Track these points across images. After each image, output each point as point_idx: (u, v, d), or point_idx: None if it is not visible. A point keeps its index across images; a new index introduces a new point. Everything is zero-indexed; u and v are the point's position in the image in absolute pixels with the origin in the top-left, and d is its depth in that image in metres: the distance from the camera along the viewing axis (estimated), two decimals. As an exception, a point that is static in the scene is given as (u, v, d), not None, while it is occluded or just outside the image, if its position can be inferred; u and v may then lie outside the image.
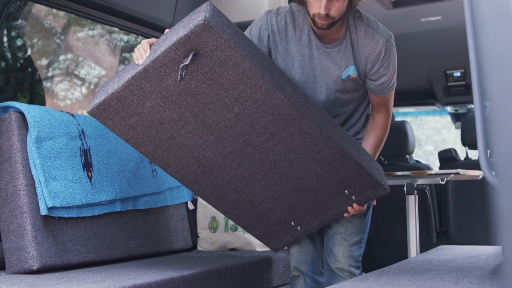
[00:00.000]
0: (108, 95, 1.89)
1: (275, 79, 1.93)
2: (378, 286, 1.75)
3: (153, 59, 1.82)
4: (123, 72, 1.93)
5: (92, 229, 2.40)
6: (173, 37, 1.80)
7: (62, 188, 2.26)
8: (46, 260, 2.18)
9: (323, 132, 2.03)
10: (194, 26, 1.75)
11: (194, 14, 1.82)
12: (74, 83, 8.78)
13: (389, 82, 2.28)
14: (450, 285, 1.75)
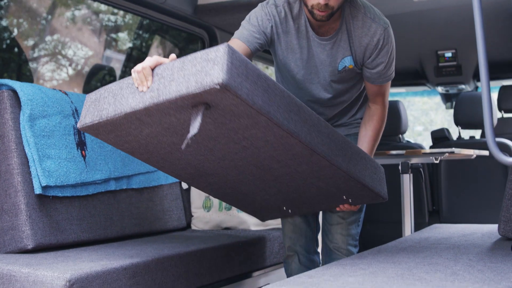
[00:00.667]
0: (102, 119, 1.73)
1: (292, 123, 1.77)
2: (377, 263, 1.75)
3: (157, 102, 1.63)
4: (119, 91, 1.73)
5: (87, 208, 2.37)
6: (181, 86, 1.59)
7: (56, 166, 2.23)
8: (41, 239, 2.16)
9: (332, 164, 1.94)
10: (208, 87, 1.53)
11: (209, 61, 1.57)
12: (61, 64, 8.72)
13: (386, 70, 2.24)
14: (449, 262, 1.74)
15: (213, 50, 1.59)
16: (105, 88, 1.79)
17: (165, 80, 1.65)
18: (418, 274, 1.54)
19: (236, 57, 1.60)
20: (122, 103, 1.71)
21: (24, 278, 1.83)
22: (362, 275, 1.53)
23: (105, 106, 1.75)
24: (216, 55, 1.57)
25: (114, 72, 5.48)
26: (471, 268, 1.62)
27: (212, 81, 1.54)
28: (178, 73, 1.63)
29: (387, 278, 1.48)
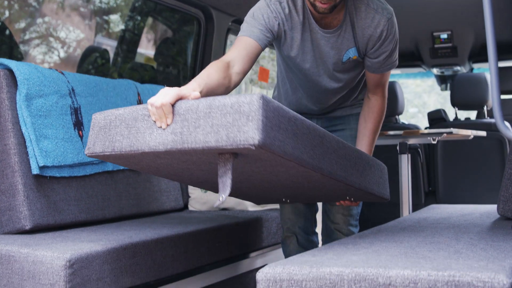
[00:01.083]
0: (114, 151, 1.64)
1: (316, 160, 1.70)
2: (379, 242, 1.74)
3: (180, 148, 1.53)
4: (133, 123, 1.62)
5: (84, 189, 2.35)
6: (210, 137, 1.49)
7: (54, 147, 2.21)
8: (39, 220, 2.14)
9: (347, 185, 1.90)
10: (242, 145, 1.45)
11: (242, 114, 1.46)
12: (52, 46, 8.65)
13: (387, 59, 2.22)
14: (451, 241, 1.74)
15: (246, 102, 1.47)
16: (115, 114, 1.66)
17: (190, 125, 1.53)
18: (421, 252, 1.54)
19: (270, 108, 1.49)
20: (139, 139, 1.60)
21: (23, 259, 1.81)
22: (365, 254, 1.53)
23: (118, 138, 1.64)
24: (250, 109, 1.46)
25: (108, 54, 5.44)
26: (473, 246, 1.62)
27: (246, 140, 1.45)
28: (204, 119, 1.51)
29: (390, 257, 1.47)
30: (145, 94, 2.76)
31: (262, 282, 1.40)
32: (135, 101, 2.67)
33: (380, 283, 1.31)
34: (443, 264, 1.35)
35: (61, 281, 1.73)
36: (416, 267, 1.32)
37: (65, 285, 1.72)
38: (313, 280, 1.36)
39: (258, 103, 1.46)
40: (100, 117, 1.70)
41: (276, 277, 1.39)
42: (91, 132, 1.71)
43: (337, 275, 1.34)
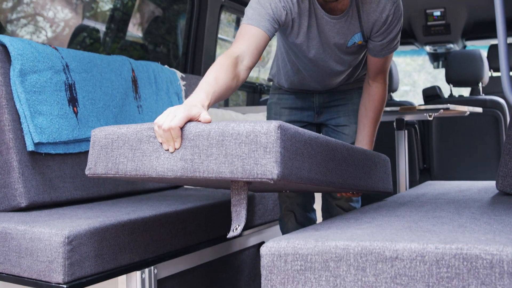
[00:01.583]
0: (118, 174, 1.57)
1: (329, 176, 1.66)
2: (381, 217, 1.73)
3: (191, 176, 1.47)
4: (138, 144, 1.54)
5: (80, 166, 2.32)
6: (223, 167, 1.42)
7: (48, 123, 2.17)
8: (34, 197, 2.11)
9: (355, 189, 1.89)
10: (259, 179, 1.39)
11: (258, 145, 1.40)
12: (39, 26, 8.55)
13: (390, 42, 2.18)
14: (453, 215, 1.73)
15: (263, 132, 1.40)
16: (117, 133, 1.59)
17: (201, 152, 1.46)
18: (425, 226, 1.52)
19: (287, 137, 1.43)
20: (145, 163, 1.53)
21: (21, 236, 1.79)
22: (369, 228, 1.51)
23: (121, 160, 1.57)
24: (267, 140, 1.39)
25: (99, 33, 5.37)
26: (476, 220, 1.61)
27: (264, 174, 1.38)
28: (217, 148, 1.44)
29: (395, 230, 1.46)
30: (139, 71, 2.73)
31: (266, 256, 1.38)
32: (130, 77, 2.64)
33: (386, 256, 1.29)
34: (449, 237, 1.33)
35: (59, 258, 1.70)
36: (423, 240, 1.31)
37: (63, 262, 1.70)
38: (319, 254, 1.34)
39: (276, 133, 1.40)
40: (100, 135, 1.62)
41: (280, 251, 1.37)
42: (91, 150, 1.64)
43: (343, 249, 1.32)
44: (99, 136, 1.63)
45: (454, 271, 1.25)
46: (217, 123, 1.48)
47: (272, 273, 1.37)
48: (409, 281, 1.27)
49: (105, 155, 1.60)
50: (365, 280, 1.30)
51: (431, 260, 1.26)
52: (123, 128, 1.60)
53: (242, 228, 1.52)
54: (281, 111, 2.55)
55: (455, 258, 1.25)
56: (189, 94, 3.12)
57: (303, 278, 1.34)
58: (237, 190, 1.54)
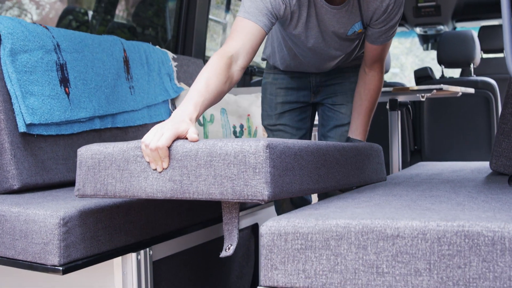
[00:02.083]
0: (108, 195, 1.56)
1: (321, 182, 1.66)
2: (378, 196, 1.73)
3: (181, 197, 1.45)
4: (125, 165, 1.52)
5: (72, 148, 2.30)
6: (213, 188, 1.42)
7: (40, 104, 2.14)
8: (27, 179, 2.09)
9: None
10: (249, 199, 1.39)
11: (247, 166, 1.39)
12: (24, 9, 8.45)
13: (388, 30, 2.16)
14: (450, 194, 1.73)
15: (251, 152, 1.38)
16: (103, 153, 1.57)
17: (189, 173, 1.44)
18: (424, 205, 1.52)
19: (276, 154, 1.42)
20: (133, 184, 1.52)
21: (15, 218, 1.76)
22: (368, 207, 1.51)
23: (109, 181, 1.56)
24: (256, 161, 1.38)
25: (87, 16, 5.31)
26: (474, 199, 1.61)
27: (254, 195, 1.38)
28: (206, 168, 1.43)
29: (394, 209, 1.45)
30: (131, 51, 2.69)
31: (266, 235, 1.37)
32: (121, 58, 2.60)
33: (388, 234, 1.29)
34: (450, 215, 1.33)
35: (55, 239, 1.68)
36: (424, 218, 1.30)
37: (59, 244, 1.68)
38: (319, 232, 1.33)
39: (265, 153, 1.38)
40: (86, 155, 1.60)
41: (280, 231, 1.36)
42: (78, 171, 1.62)
43: (344, 227, 1.32)
44: (85, 156, 1.61)
45: (456, 248, 1.25)
46: (204, 142, 1.46)
47: (272, 252, 1.36)
48: (410, 259, 1.27)
49: (93, 176, 1.59)
50: (366, 259, 1.30)
51: (433, 238, 1.26)
52: (109, 147, 1.58)
53: (235, 247, 1.51)
54: (277, 91, 2.53)
55: (457, 235, 1.25)
56: (180, 75, 3.09)
57: (304, 257, 1.34)
58: (228, 209, 1.53)
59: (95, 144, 1.64)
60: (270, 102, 2.55)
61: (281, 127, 2.53)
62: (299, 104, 2.51)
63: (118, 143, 1.59)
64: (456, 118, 3.79)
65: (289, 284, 1.35)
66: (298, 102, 2.51)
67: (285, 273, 1.35)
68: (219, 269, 2.48)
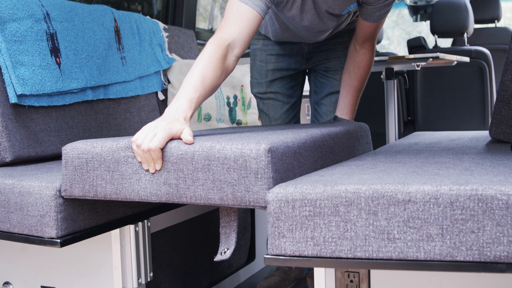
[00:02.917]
0: (97, 196, 1.51)
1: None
2: (381, 163, 1.69)
3: (177, 201, 1.40)
4: (115, 166, 1.47)
5: (64, 119, 2.24)
6: (212, 193, 1.37)
7: (31, 74, 2.08)
8: (19, 152, 2.03)
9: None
10: (251, 206, 1.36)
11: (248, 171, 1.35)
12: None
13: (383, 8, 2.10)
14: (454, 161, 1.70)
15: (252, 157, 1.33)
16: (91, 153, 1.50)
17: (186, 177, 1.39)
18: (431, 171, 1.49)
19: (277, 157, 1.38)
20: (125, 187, 1.47)
21: (9, 190, 1.71)
22: (375, 173, 1.47)
23: (99, 182, 1.51)
24: (258, 166, 1.33)
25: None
26: (480, 165, 1.58)
27: (256, 201, 1.34)
28: (203, 173, 1.38)
29: (402, 175, 1.42)
30: (121, 21, 2.63)
31: (273, 202, 1.33)
32: (112, 28, 2.54)
33: (399, 199, 1.26)
34: (461, 179, 1.30)
35: (51, 211, 1.63)
36: (436, 182, 1.27)
37: (56, 216, 1.63)
38: (328, 198, 1.30)
39: (267, 158, 1.34)
40: (72, 154, 1.53)
41: (288, 197, 1.32)
42: (64, 170, 1.56)
43: (354, 193, 1.28)
44: (71, 155, 1.54)
45: (469, 212, 1.22)
46: (201, 144, 1.40)
47: (279, 220, 1.33)
48: (422, 224, 1.24)
49: (81, 177, 1.53)
50: (377, 225, 1.27)
51: (445, 202, 1.23)
52: (97, 147, 1.51)
53: (232, 252, 1.46)
54: (267, 58, 2.46)
55: (470, 199, 1.22)
56: (172, 46, 3.03)
57: (312, 224, 1.30)
58: (226, 211, 1.48)
59: (81, 142, 1.56)
60: (260, 69, 2.48)
61: (272, 95, 2.47)
62: (290, 71, 2.45)
63: (106, 141, 1.51)
64: (449, 88, 3.76)
65: (297, 252, 1.32)
66: (289, 69, 2.45)
67: (293, 241, 1.32)
68: (216, 242, 2.45)
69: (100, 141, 1.54)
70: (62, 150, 1.58)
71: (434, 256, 1.24)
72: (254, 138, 1.44)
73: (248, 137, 1.49)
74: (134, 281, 1.85)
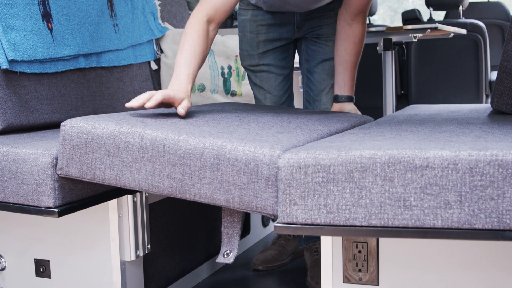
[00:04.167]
0: (95, 179, 1.47)
1: None
2: (389, 132, 1.64)
3: (180, 196, 1.37)
4: (116, 151, 1.42)
5: (57, 87, 2.17)
6: (218, 193, 1.33)
7: (22, 39, 2.00)
8: (11, 120, 1.96)
9: None
10: (258, 212, 1.32)
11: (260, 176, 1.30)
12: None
13: None
14: (463, 129, 1.66)
15: (265, 162, 1.28)
16: (91, 133, 1.45)
17: (192, 173, 1.34)
18: (442, 138, 1.44)
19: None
20: (125, 174, 1.42)
21: (3, 158, 1.64)
22: (386, 140, 1.42)
23: (98, 165, 1.45)
24: (270, 173, 1.29)
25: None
26: (490, 133, 1.54)
27: (264, 208, 1.30)
28: (211, 172, 1.32)
29: (415, 141, 1.37)
30: (114, -13, 2.54)
31: (285, 169, 1.28)
32: (104, -6, 2.45)
33: (416, 165, 1.21)
34: (479, 145, 1.26)
35: (48, 180, 1.57)
36: (454, 148, 1.23)
37: (53, 185, 1.57)
38: (342, 164, 1.25)
39: (284, 165, 1.28)
40: (71, 132, 1.47)
41: (300, 163, 1.27)
42: (61, 148, 1.50)
43: (369, 158, 1.24)
44: (70, 133, 1.48)
45: (489, 179, 1.18)
46: (211, 141, 1.35)
47: (291, 187, 1.28)
48: (440, 190, 1.20)
49: (79, 157, 1.48)
50: (393, 191, 1.22)
51: (464, 168, 1.19)
52: (99, 128, 1.46)
53: (235, 255, 1.41)
54: (258, 29, 2.38)
55: (490, 165, 1.18)
56: (164, 15, 2.95)
57: (325, 191, 1.26)
58: (230, 211, 1.43)
59: (81, 119, 1.50)
60: (250, 40, 2.40)
61: (265, 67, 2.40)
62: (282, 42, 2.38)
63: (108, 123, 1.46)
64: (443, 61, 3.72)
65: (309, 220, 1.27)
66: (281, 39, 2.38)
67: (305, 208, 1.27)
68: (212, 214, 2.41)
69: (102, 121, 1.48)
70: (61, 126, 1.51)
71: (451, 224, 1.20)
72: (266, 139, 1.39)
73: (260, 136, 1.44)
74: (132, 253, 1.80)
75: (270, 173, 1.30)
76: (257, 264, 2.40)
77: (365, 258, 1.48)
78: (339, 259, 1.49)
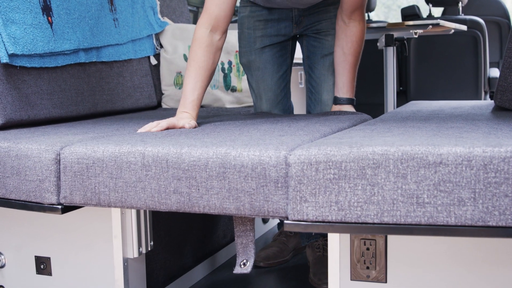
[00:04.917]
0: (100, 204, 1.45)
1: None
2: (396, 128, 1.63)
3: (189, 211, 1.34)
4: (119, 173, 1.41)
5: (57, 82, 2.14)
6: (228, 203, 1.30)
7: (22, 33, 1.97)
8: (11, 115, 1.93)
9: None
10: (270, 216, 1.29)
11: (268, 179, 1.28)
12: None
13: None
14: (470, 126, 1.64)
15: (272, 164, 1.26)
16: (91, 157, 1.43)
17: (199, 185, 1.32)
18: (452, 134, 1.43)
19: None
20: (130, 195, 1.39)
21: (5, 153, 1.62)
22: (396, 135, 1.41)
23: (102, 190, 1.43)
24: (278, 175, 1.26)
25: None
26: (498, 130, 1.53)
27: (276, 212, 1.27)
28: (218, 181, 1.30)
29: (424, 137, 1.36)
30: (113, -19, 2.51)
31: (295, 165, 1.26)
32: (104, -13, 2.43)
33: (430, 161, 1.20)
34: (492, 142, 1.24)
35: (51, 176, 1.54)
36: (467, 144, 1.21)
37: (56, 181, 1.54)
38: (354, 160, 1.23)
39: (287, 165, 1.28)
40: (71, 159, 1.45)
41: (311, 159, 1.25)
42: (63, 176, 1.48)
43: (382, 154, 1.22)
44: (69, 159, 1.46)
45: (503, 175, 1.16)
46: (215, 150, 1.33)
47: (301, 183, 1.26)
48: (453, 187, 1.18)
49: (81, 183, 1.46)
50: (406, 188, 1.21)
51: (478, 165, 1.17)
52: (98, 151, 1.44)
53: (252, 264, 1.38)
54: (255, 24, 2.34)
55: (504, 161, 1.16)
56: (164, 10, 2.92)
57: (337, 188, 1.24)
58: (241, 220, 1.41)
59: (80, 145, 1.48)
60: (248, 36, 2.37)
61: (262, 64, 2.36)
62: (280, 38, 2.35)
63: (107, 143, 1.45)
64: (443, 58, 3.71)
65: (320, 217, 1.25)
66: (279, 35, 2.34)
67: (315, 205, 1.25)
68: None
69: (101, 144, 1.47)
70: (60, 155, 1.48)
71: (465, 221, 1.19)
72: (270, 142, 1.37)
73: (263, 140, 1.42)
74: (134, 250, 1.77)
75: (278, 175, 1.28)
76: (259, 261, 2.38)
77: (373, 256, 1.46)
78: (346, 256, 1.47)
